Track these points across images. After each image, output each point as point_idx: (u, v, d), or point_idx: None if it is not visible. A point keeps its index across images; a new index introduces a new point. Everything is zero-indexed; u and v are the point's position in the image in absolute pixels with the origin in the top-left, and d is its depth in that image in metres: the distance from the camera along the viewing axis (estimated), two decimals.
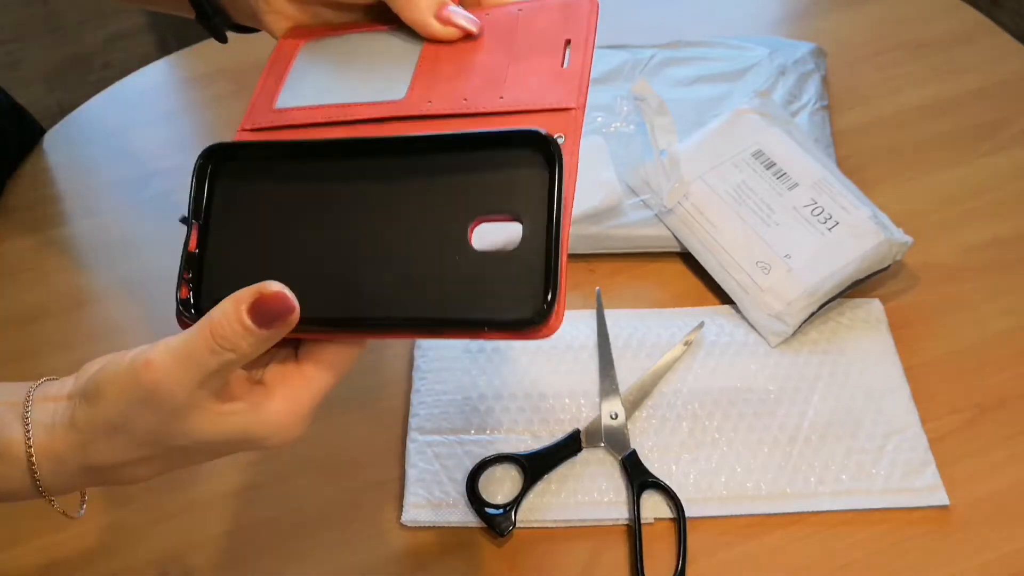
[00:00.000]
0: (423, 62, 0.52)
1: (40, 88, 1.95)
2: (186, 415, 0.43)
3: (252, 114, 0.53)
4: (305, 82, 0.54)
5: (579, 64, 0.50)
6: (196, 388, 0.42)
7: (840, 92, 0.92)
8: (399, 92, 0.51)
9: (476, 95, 0.50)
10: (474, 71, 0.51)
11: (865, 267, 0.74)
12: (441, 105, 0.50)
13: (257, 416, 0.44)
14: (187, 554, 0.66)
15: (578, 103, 0.48)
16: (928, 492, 0.66)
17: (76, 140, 0.94)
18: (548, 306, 0.42)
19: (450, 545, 0.65)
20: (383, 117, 0.50)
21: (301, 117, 0.52)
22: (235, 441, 0.45)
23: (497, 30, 0.53)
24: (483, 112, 0.49)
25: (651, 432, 0.69)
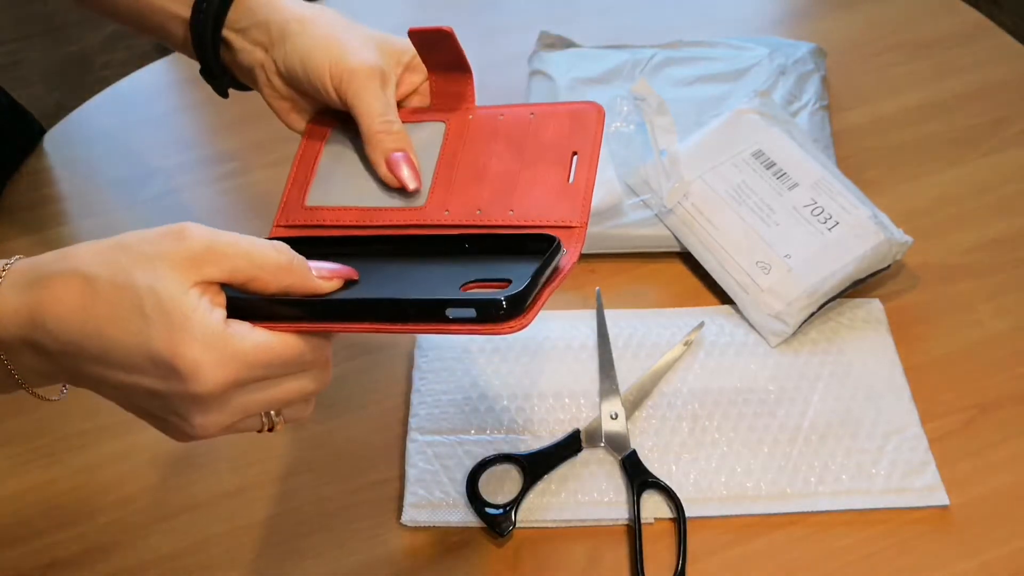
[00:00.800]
0: (441, 165, 0.57)
1: (40, 88, 1.95)
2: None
3: (286, 211, 0.59)
4: (333, 179, 0.59)
5: (583, 181, 0.54)
6: None
7: (840, 92, 0.92)
8: (420, 199, 0.57)
9: (488, 207, 0.55)
10: (487, 179, 0.56)
11: (865, 267, 0.74)
12: (457, 215, 0.55)
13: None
14: (187, 554, 0.66)
15: (581, 222, 0.53)
16: (928, 492, 0.66)
17: (76, 140, 0.94)
18: (518, 297, 0.44)
19: (450, 545, 0.65)
20: (405, 224, 0.56)
21: (331, 218, 0.58)
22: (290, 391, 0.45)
23: (511, 135, 0.57)
24: (495, 225, 0.54)
25: (651, 432, 0.69)
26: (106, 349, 0.42)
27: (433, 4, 1.09)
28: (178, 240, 0.42)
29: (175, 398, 0.42)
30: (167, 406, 0.43)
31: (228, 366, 0.42)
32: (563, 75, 0.90)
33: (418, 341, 0.74)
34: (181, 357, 0.41)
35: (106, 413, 0.73)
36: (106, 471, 0.70)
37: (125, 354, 0.41)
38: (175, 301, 0.41)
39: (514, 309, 0.44)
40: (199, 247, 0.42)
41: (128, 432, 0.72)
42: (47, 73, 1.97)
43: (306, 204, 0.59)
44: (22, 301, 0.42)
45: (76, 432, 0.72)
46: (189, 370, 0.41)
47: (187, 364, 0.41)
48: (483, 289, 0.49)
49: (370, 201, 0.57)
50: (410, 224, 0.56)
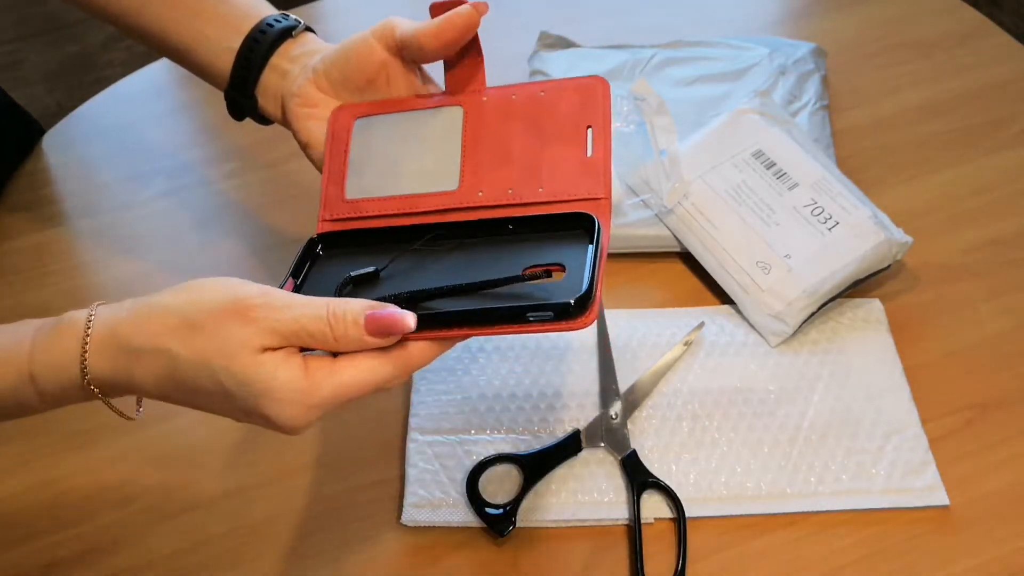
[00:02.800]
0: (467, 147, 0.60)
1: (40, 88, 1.95)
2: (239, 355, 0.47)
3: (328, 206, 0.61)
4: (366, 170, 0.61)
5: (601, 154, 0.57)
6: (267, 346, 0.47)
7: (840, 92, 0.92)
8: (452, 182, 0.59)
9: (519, 186, 0.58)
10: (512, 159, 0.59)
11: (865, 267, 0.74)
12: (491, 196, 0.58)
13: (278, 377, 0.48)
14: (187, 554, 0.66)
15: (605, 193, 0.56)
16: (928, 492, 0.66)
17: (76, 140, 0.94)
18: (585, 296, 0.50)
19: (450, 545, 0.65)
20: (444, 208, 0.59)
21: (374, 209, 0.60)
22: (249, 391, 0.48)
23: (526, 114, 0.60)
24: (527, 203, 0.58)
25: (651, 432, 0.69)
26: (198, 406, 0.51)
27: None
28: (244, 324, 0.47)
29: (269, 428, 0.49)
30: (250, 416, 0.49)
31: (313, 411, 0.48)
32: (563, 75, 0.90)
33: None
34: (269, 416, 0.48)
35: (106, 413, 0.73)
36: (106, 471, 0.70)
37: (215, 410, 0.50)
38: (253, 375, 0.47)
39: (583, 306, 0.49)
40: (265, 328, 0.47)
41: (128, 432, 0.72)
42: (47, 73, 1.97)
43: (346, 198, 0.61)
44: (114, 367, 0.50)
45: (76, 432, 0.72)
46: (280, 423, 0.48)
47: (276, 420, 0.48)
48: (538, 271, 0.53)
49: (407, 188, 0.60)
50: (449, 208, 0.59)
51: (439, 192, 0.59)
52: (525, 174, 0.58)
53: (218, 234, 0.85)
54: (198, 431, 0.72)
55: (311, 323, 0.47)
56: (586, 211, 0.56)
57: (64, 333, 0.51)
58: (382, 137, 0.62)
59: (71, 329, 0.51)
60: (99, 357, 0.50)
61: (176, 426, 0.72)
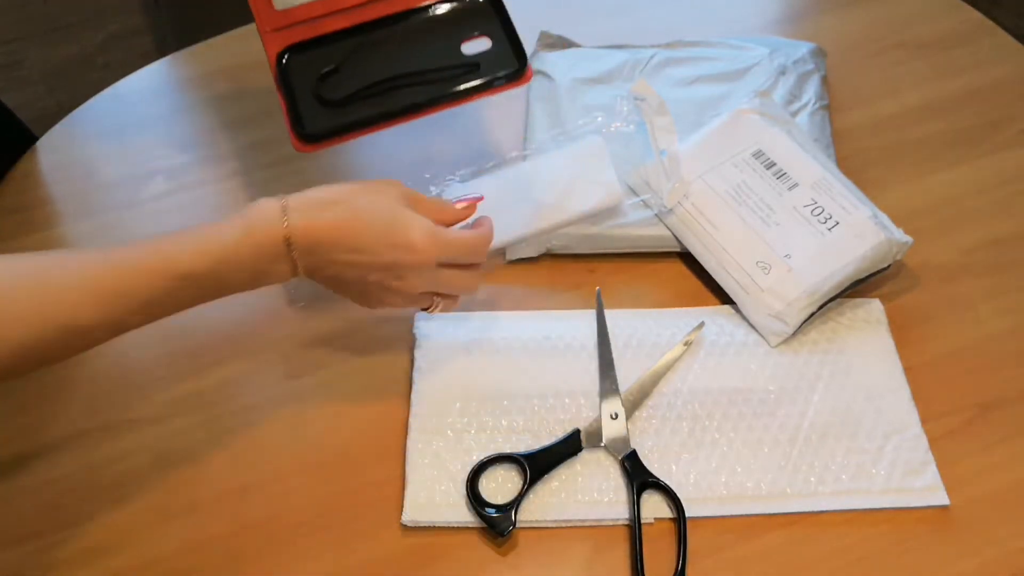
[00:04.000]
0: None
1: (40, 88, 1.95)
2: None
3: (263, 18, 0.73)
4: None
5: None
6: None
7: (840, 92, 0.92)
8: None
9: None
10: None
11: (865, 267, 0.74)
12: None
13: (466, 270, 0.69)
14: (187, 554, 0.66)
15: None
16: (928, 492, 0.66)
17: (75, 140, 0.94)
18: (523, 60, 0.72)
19: (450, 545, 0.65)
20: (363, 1, 0.73)
21: (304, 13, 0.73)
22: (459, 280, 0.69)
23: None
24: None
25: (651, 432, 0.69)
26: (361, 244, 0.64)
27: None
28: (394, 185, 0.67)
29: (404, 266, 0.65)
30: (394, 274, 0.65)
31: (436, 244, 0.65)
32: (563, 75, 0.90)
33: (418, 342, 0.74)
34: (412, 242, 0.64)
35: (106, 413, 0.73)
36: (106, 471, 0.70)
37: (375, 245, 0.64)
38: (405, 213, 0.65)
39: (524, 66, 0.71)
40: (405, 191, 0.67)
41: (128, 432, 0.72)
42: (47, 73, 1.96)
43: (276, 8, 0.72)
44: (307, 218, 0.63)
45: (76, 432, 0.72)
46: (417, 247, 0.64)
47: (413, 241, 0.64)
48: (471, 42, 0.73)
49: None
50: (366, 0, 0.73)
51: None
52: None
53: None
54: (198, 431, 0.72)
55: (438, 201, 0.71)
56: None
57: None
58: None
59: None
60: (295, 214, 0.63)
61: (176, 426, 0.72)
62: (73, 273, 0.60)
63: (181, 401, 0.73)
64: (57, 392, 0.74)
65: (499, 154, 0.84)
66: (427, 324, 0.76)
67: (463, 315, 0.76)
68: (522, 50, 0.72)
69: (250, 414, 0.73)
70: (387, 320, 0.77)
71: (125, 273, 0.61)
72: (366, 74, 0.72)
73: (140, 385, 0.75)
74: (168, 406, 0.73)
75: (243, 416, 0.72)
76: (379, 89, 0.72)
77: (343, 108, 0.72)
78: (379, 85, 0.72)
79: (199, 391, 0.74)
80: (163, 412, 0.73)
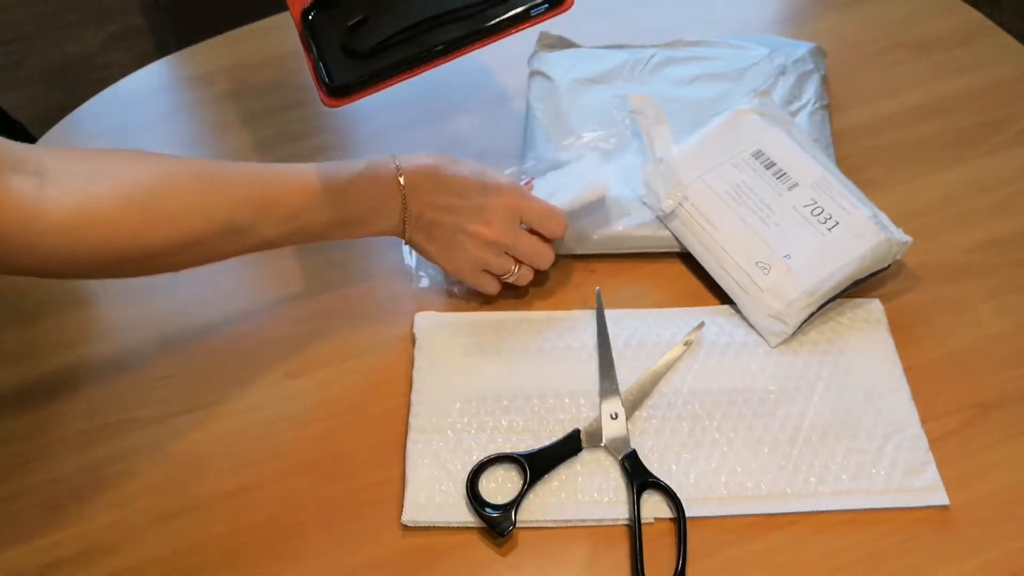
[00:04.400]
0: None
1: (40, 88, 1.95)
2: None
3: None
4: None
5: None
6: None
7: (840, 92, 0.92)
8: None
9: None
10: None
11: (865, 267, 0.74)
12: None
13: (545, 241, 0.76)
14: (187, 554, 0.66)
15: None
16: (928, 492, 0.66)
17: (75, 140, 0.94)
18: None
19: (450, 545, 0.65)
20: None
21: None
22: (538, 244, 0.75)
23: None
24: None
25: (651, 432, 0.69)
26: (461, 187, 0.72)
27: None
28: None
29: (488, 207, 0.72)
30: (481, 216, 0.72)
31: (522, 195, 0.74)
32: (563, 75, 0.90)
33: (418, 341, 0.74)
34: (501, 185, 0.73)
35: (106, 413, 0.73)
36: (106, 471, 0.70)
37: (471, 188, 0.72)
38: (494, 170, 0.75)
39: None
40: None
41: (128, 432, 0.72)
42: (47, 73, 1.97)
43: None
44: (414, 163, 0.72)
45: (76, 432, 0.72)
46: (504, 191, 0.73)
47: (503, 188, 0.73)
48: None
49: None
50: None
51: None
52: None
53: None
54: (198, 431, 0.72)
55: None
56: None
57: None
58: None
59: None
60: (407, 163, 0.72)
61: (176, 426, 0.72)
62: (234, 177, 0.67)
63: (181, 401, 0.73)
64: (57, 392, 0.74)
65: (498, 156, 0.84)
66: (427, 324, 0.76)
67: (463, 315, 0.76)
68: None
69: (250, 414, 0.73)
70: (387, 320, 0.77)
71: (275, 182, 0.68)
72: (397, 20, 0.69)
73: (140, 385, 0.75)
74: (168, 406, 0.73)
75: (243, 416, 0.72)
76: (410, 34, 0.68)
77: (373, 58, 0.68)
78: (410, 30, 0.68)
79: (199, 391, 0.74)
80: (163, 412, 0.73)
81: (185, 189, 0.65)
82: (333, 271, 0.81)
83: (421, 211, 0.71)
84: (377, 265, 0.81)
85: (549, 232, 0.74)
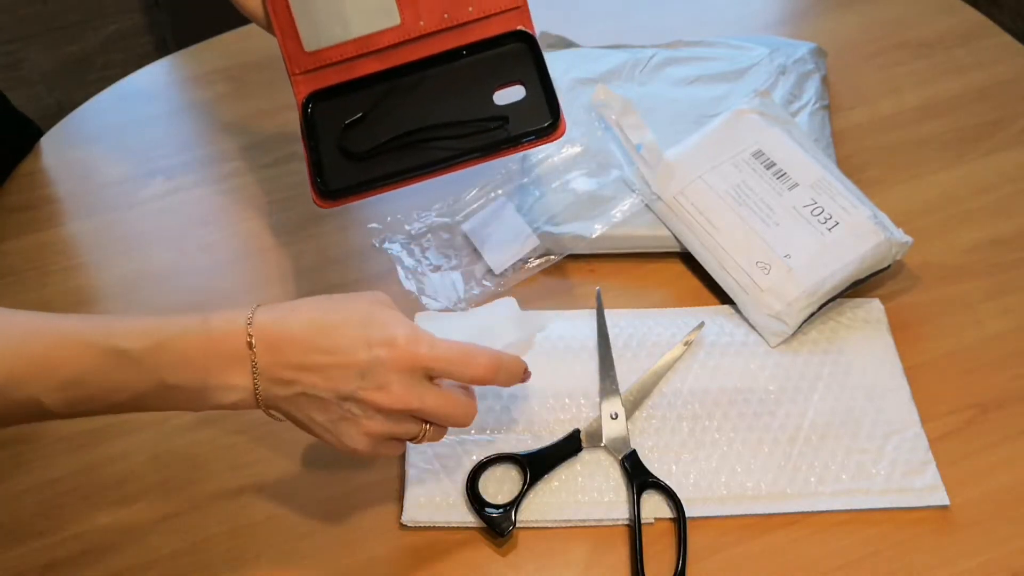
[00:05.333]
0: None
1: (40, 88, 1.95)
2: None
3: (293, 59, 0.70)
4: (313, 20, 0.69)
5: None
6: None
7: (840, 92, 0.92)
8: (394, 17, 0.69)
9: (452, 10, 0.69)
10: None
11: (865, 267, 0.74)
12: (431, 23, 0.69)
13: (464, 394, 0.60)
14: (187, 554, 0.66)
15: (522, 2, 0.70)
16: (928, 492, 0.66)
17: (75, 140, 0.94)
18: (556, 114, 0.67)
19: (450, 545, 0.65)
20: (397, 43, 0.70)
21: (335, 55, 0.70)
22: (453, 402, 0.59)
23: None
24: (463, 22, 0.69)
25: (651, 432, 0.69)
26: (336, 341, 0.55)
27: None
28: (378, 296, 0.60)
29: (382, 367, 0.55)
30: (371, 381, 0.55)
31: (422, 344, 0.56)
32: (563, 75, 0.90)
33: None
34: (392, 336, 0.56)
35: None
36: (106, 471, 0.70)
37: (350, 343, 0.55)
38: (387, 312, 0.58)
39: (557, 120, 0.67)
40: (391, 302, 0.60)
41: (128, 432, 0.72)
42: (47, 73, 1.96)
43: (307, 50, 0.70)
44: (273, 318, 0.56)
45: (76, 432, 0.72)
46: (398, 342, 0.56)
47: (396, 339, 0.56)
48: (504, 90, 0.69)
49: (357, 30, 0.69)
50: (401, 41, 0.69)
51: (387, 29, 0.69)
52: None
53: (218, 234, 0.85)
54: (198, 431, 0.72)
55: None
56: (512, 20, 0.69)
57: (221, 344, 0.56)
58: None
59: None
60: (262, 314, 0.56)
61: (176, 426, 0.72)
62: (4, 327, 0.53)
63: None
64: None
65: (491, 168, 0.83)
66: (427, 324, 0.75)
67: (463, 315, 0.76)
68: (556, 102, 0.67)
69: (250, 414, 0.72)
70: None
71: (51, 339, 0.53)
72: (392, 124, 0.69)
73: None
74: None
75: (243, 416, 0.72)
76: (404, 142, 0.69)
77: (366, 162, 0.69)
78: (404, 137, 0.69)
79: None
80: (163, 412, 0.73)
81: None
82: (333, 271, 0.81)
83: (281, 377, 0.56)
84: (378, 265, 0.81)
85: (470, 379, 0.58)
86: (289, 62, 0.70)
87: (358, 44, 0.69)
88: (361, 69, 0.70)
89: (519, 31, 0.70)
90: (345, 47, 0.69)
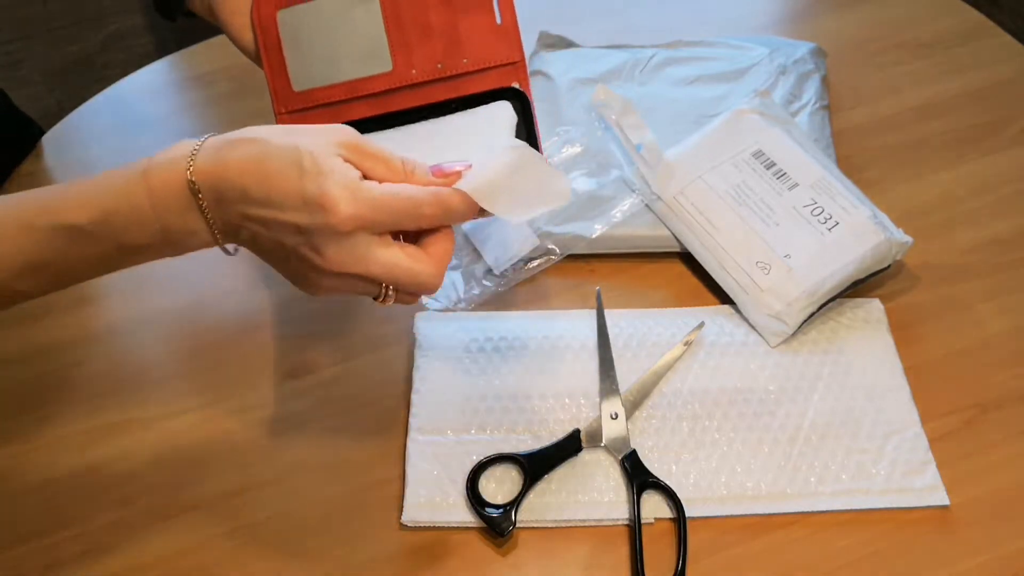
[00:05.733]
0: (389, 26, 0.66)
1: (40, 88, 1.95)
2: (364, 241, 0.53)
3: (280, 99, 0.68)
4: (305, 61, 0.67)
5: (510, 19, 0.66)
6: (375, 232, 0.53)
7: (840, 92, 0.92)
8: (386, 63, 0.66)
9: (446, 60, 0.66)
10: (433, 33, 0.66)
11: (865, 267, 0.74)
12: (423, 72, 0.66)
13: (418, 260, 0.54)
14: (187, 554, 0.66)
15: (520, 56, 0.66)
16: (928, 492, 0.66)
17: (75, 140, 0.94)
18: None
19: (450, 545, 0.65)
20: (387, 89, 0.66)
21: (324, 97, 0.67)
22: (402, 270, 0.54)
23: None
24: (456, 74, 0.66)
25: (651, 432, 0.69)
26: (269, 194, 0.52)
27: None
28: (336, 131, 0.55)
29: (316, 231, 0.52)
30: (308, 241, 0.52)
31: (360, 203, 0.51)
32: (563, 75, 0.90)
33: (418, 341, 0.74)
34: (325, 194, 0.51)
35: (106, 413, 0.73)
36: (106, 471, 0.70)
37: (283, 197, 0.51)
38: (325, 159, 0.52)
39: None
40: (350, 138, 0.55)
41: (128, 432, 0.72)
42: (47, 73, 1.96)
43: (295, 89, 0.67)
44: (213, 159, 0.52)
45: (76, 432, 0.72)
46: (330, 203, 0.51)
47: (329, 199, 0.51)
48: None
49: (348, 74, 0.67)
50: (391, 88, 0.66)
51: (378, 75, 0.66)
52: (448, 47, 0.66)
53: None
54: (198, 431, 0.72)
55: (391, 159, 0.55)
56: (508, 76, 0.66)
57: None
58: (307, 26, 0.67)
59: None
60: (204, 156, 0.53)
61: (176, 426, 0.72)
62: None
63: (181, 401, 0.73)
64: (57, 392, 0.75)
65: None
66: (427, 324, 0.76)
67: (463, 315, 0.76)
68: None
69: (250, 414, 0.73)
70: (387, 320, 0.77)
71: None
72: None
73: (140, 385, 0.75)
74: (168, 406, 0.73)
75: (243, 416, 0.72)
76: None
77: None
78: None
79: (199, 391, 0.74)
80: (163, 412, 0.73)
81: None
82: None
83: (232, 224, 0.54)
84: None
85: (421, 228, 0.55)
86: (276, 101, 0.68)
87: (348, 88, 0.66)
88: (348, 113, 0.67)
89: (513, 88, 0.66)
90: (334, 89, 0.67)
